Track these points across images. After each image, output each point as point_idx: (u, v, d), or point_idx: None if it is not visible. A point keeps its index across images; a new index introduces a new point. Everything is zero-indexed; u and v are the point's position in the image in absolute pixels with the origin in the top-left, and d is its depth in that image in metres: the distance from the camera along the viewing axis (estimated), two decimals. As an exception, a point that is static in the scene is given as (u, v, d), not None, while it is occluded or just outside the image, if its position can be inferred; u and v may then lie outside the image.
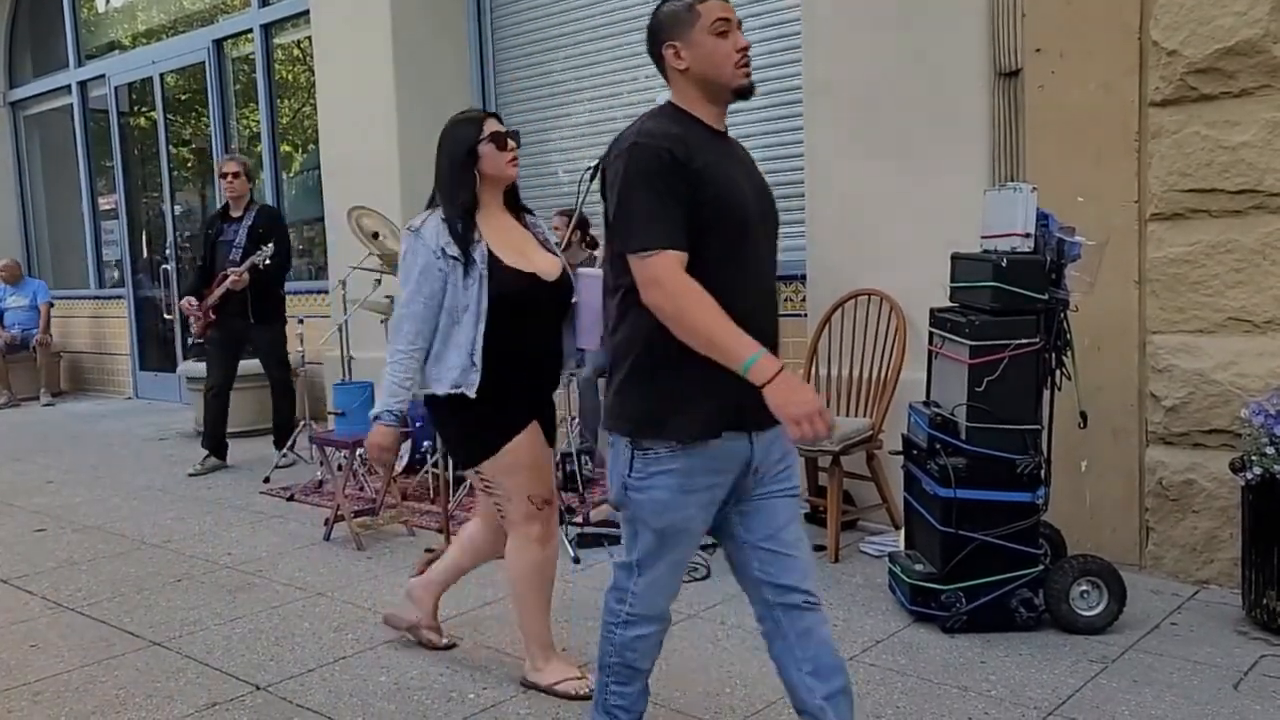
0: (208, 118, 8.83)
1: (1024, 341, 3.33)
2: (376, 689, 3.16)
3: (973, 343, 3.34)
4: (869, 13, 4.48)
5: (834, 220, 4.68)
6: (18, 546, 4.90)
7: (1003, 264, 3.33)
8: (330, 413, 5.76)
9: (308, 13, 7.29)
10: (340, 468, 5.08)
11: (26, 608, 4.03)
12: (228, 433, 6.46)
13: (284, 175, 8.42)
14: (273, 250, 5.98)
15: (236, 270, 6.02)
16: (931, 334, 3.72)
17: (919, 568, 3.51)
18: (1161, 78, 3.72)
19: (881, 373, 4.46)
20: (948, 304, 3.67)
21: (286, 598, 4.01)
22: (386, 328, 5.59)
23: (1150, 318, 3.82)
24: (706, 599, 3.73)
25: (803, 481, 4.50)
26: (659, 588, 2.29)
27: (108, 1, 10.01)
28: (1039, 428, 3.37)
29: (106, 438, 7.82)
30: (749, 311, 2.09)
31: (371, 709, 3.03)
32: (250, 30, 8.30)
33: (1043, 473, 3.37)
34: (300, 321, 6.01)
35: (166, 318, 9.15)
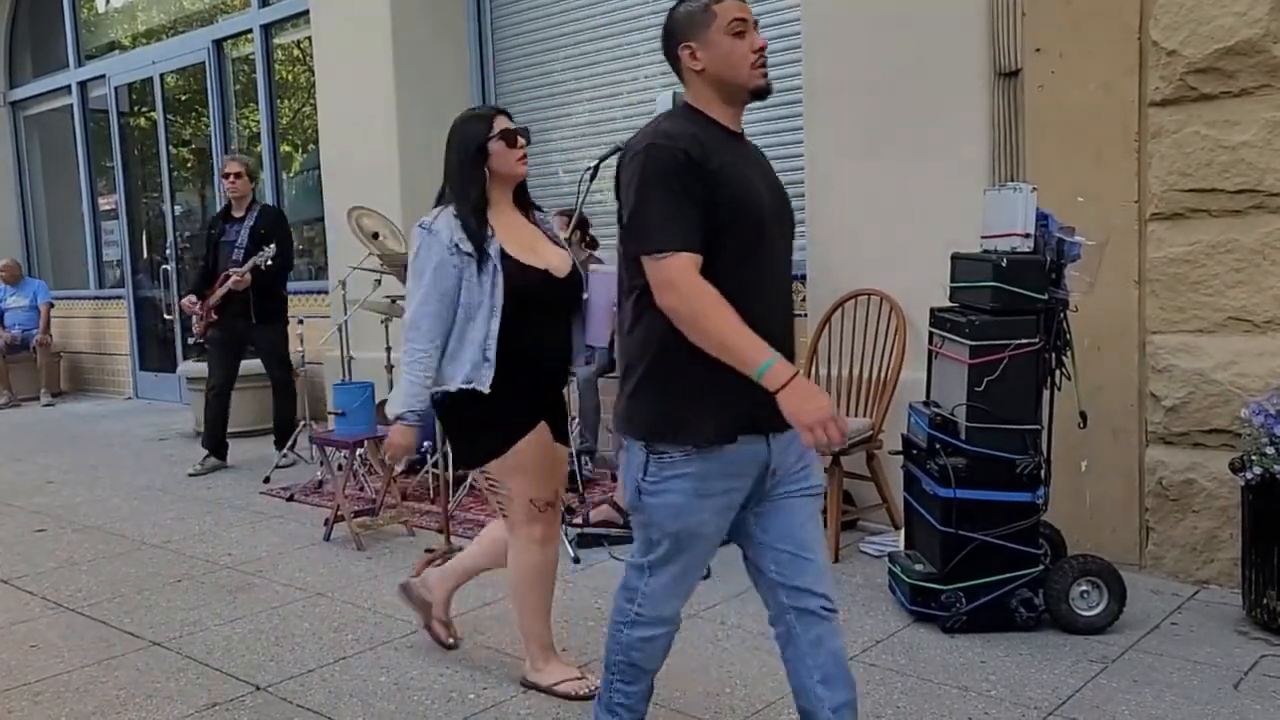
0: (208, 118, 8.83)
1: (1024, 341, 3.33)
2: (376, 689, 3.16)
3: (973, 343, 3.34)
4: (869, 13, 4.48)
5: (834, 220, 4.68)
6: (18, 546, 4.90)
7: (1003, 264, 3.33)
8: (330, 413, 5.75)
9: (308, 13, 7.29)
10: (340, 468, 5.08)
11: (26, 608, 4.03)
12: (228, 433, 6.46)
13: (284, 175, 8.42)
14: (274, 251, 5.98)
15: (239, 271, 6.02)
16: (931, 334, 3.72)
17: (919, 568, 3.51)
18: (1161, 78, 3.72)
19: (881, 373, 4.46)
20: (948, 304, 3.67)
21: (286, 598, 4.01)
22: (387, 328, 5.63)
23: (1150, 318, 3.82)
24: (706, 599, 3.72)
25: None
26: (670, 591, 2.28)
27: (108, 2, 10.00)
28: (1039, 428, 3.37)
29: (106, 438, 7.82)
30: (764, 313, 2.08)
31: (371, 709, 3.03)
32: (250, 30, 8.30)
33: (1043, 473, 3.37)
34: (300, 321, 6.01)
35: (166, 318, 9.15)
